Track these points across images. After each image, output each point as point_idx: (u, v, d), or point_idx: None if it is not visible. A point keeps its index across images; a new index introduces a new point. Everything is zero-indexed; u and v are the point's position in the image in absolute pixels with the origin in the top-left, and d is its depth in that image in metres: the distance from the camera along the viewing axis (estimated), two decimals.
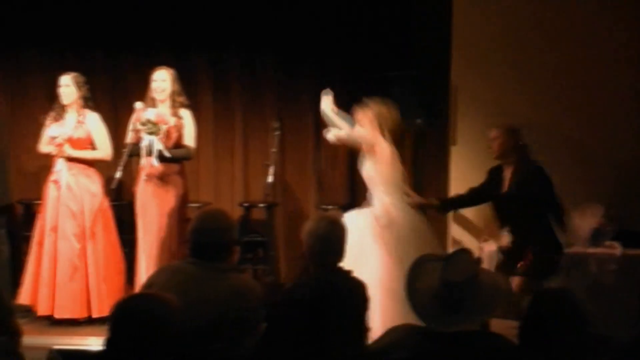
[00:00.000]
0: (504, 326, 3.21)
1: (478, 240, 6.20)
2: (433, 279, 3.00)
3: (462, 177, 6.21)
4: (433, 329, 2.97)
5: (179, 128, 5.89)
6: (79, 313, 5.87)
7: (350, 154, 7.22)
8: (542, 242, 5.22)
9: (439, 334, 2.94)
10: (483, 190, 5.57)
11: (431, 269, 3.05)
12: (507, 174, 5.37)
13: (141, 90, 6.00)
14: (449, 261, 3.04)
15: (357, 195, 7.26)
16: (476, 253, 5.27)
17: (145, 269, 5.77)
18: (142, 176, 5.89)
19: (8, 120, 6.70)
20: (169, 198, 5.88)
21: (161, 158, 5.77)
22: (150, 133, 5.72)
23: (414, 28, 6.76)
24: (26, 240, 6.76)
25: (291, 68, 7.02)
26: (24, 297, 5.98)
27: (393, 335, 3.10)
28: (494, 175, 5.48)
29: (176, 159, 5.89)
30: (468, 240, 6.29)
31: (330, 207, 6.81)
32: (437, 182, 6.73)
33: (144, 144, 5.76)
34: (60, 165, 5.96)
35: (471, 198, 5.69)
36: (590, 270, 5.79)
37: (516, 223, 5.34)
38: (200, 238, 3.55)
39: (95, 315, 5.87)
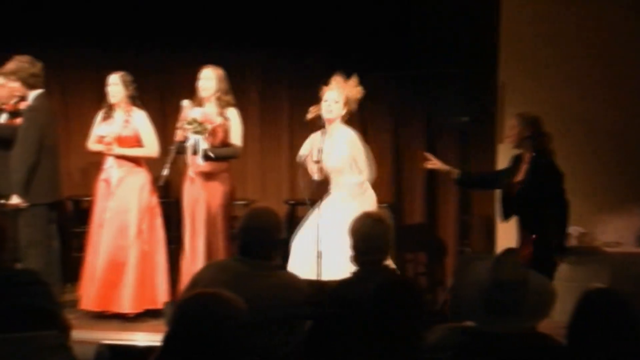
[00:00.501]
0: (551, 326, 3.17)
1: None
2: (481, 279, 2.97)
3: None
4: (480, 329, 2.94)
5: (225, 127, 5.92)
6: (124, 308, 5.94)
7: (396, 150, 7.21)
8: (543, 237, 5.09)
9: (485, 334, 2.91)
10: (500, 176, 5.46)
11: (479, 268, 3.02)
12: (524, 163, 5.27)
13: (190, 88, 6.05)
14: (499, 261, 3.00)
15: (403, 193, 7.25)
16: None
17: (191, 266, 5.82)
18: (189, 174, 5.94)
19: (60, 118, 6.79)
20: (216, 196, 5.93)
21: (206, 157, 5.81)
22: (196, 132, 5.77)
23: (460, 26, 6.70)
24: (75, 236, 6.89)
25: (338, 65, 7.00)
26: (74, 292, 6.09)
27: (437, 334, 3.08)
28: (514, 163, 5.35)
29: (221, 158, 5.93)
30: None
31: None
32: None
33: (189, 142, 5.81)
34: (109, 163, 6.04)
35: (491, 181, 5.57)
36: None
37: (521, 213, 5.24)
38: (249, 236, 3.56)
39: (139, 310, 5.95)
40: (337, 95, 5.55)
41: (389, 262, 3.67)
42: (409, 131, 7.23)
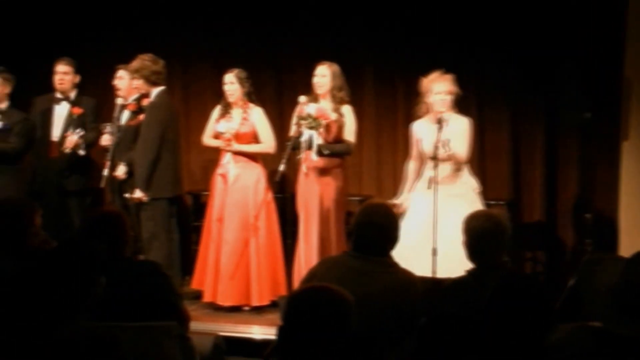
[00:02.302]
0: None
1: None
2: (612, 279, 2.85)
3: (634, 174, 5.93)
4: (609, 330, 2.83)
5: (339, 123, 5.94)
6: (239, 301, 6.05)
7: (514, 146, 7.05)
8: None
9: (615, 336, 2.80)
10: None
11: (610, 269, 2.91)
12: None
13: (307, 84, 6.09)
14: (632, 262, 2.88)
15: (521, 190, 7.09)
16: None
17: (305, 261, 5.86)
18: (303, 169, 5.98)
19: (181, 115, 6.98)
20: (330, 191, 5.95)
21: (320, 153, 5.84)
22: (310, 128, 5.81)
23: (585, 19, 6.49)
24: (195, 229, 7.05)
25: (454, 58, 6.90)
26: (194, 284, 6.27)
27: (561, 334, 2.98)
28: None
29: (335, 154, 5.94)
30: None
31: (492, 202, 6.65)
32: (607, 180, 6.46)
33: (304, 138, 5.85)
34: (226, 159, 6.15)
35: None
36: None
37: None
38: (364, 232, 3.55)
39: (255, 304, 6.04)
40: (447, 87, 5.59)
41: (506, 260, 3.58)
42: (527, 126, 7.06)
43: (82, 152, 6.55)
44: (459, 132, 5.57)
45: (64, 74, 6.61)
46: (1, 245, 3.58)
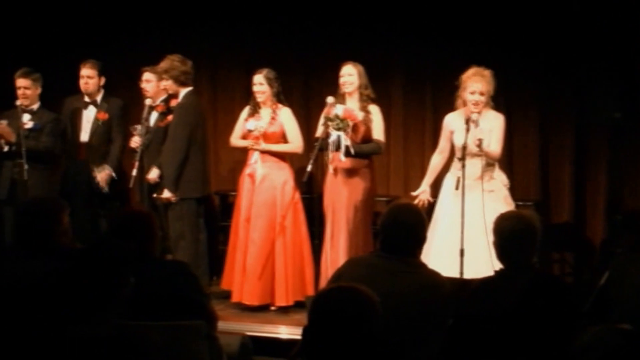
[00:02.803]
0: None
1: None
2: None
3: None
4: (638, 333, 2.80)
5: (366, 122, 5.93)
6: (266, 300, 6.06)
7: (542, 145, 7.00)
8: None
9: None
10: None
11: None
12: None
13: (334, 85, 6.09)
14: None
15: (550, 190, 7.04)
16: None
17: (332, 262, 5.86)
18: (330, 170, 5.99)
19: (209, 115, 7.01)
20: (357, 191, 5.94)
21: (348, 154, 5.84)
22: (338, 129, 5.81)
23: (613, 19, 6.43)
24: (222, 229, 7.08)
25: (482, 58, 6.86)
26: (223, 284, 6.31)
27: (590, 335, 2.96)
28: None
29: (363, 154, 5.94)
30: None
31: (520, 203, 6.61)
32: (637, 180, 6.40)
33: (331, 139, 5.85)
34: (254, 159, 6.16)
35: None
36: None
37: None
38: (392, 232, 3.54)
39: (280, 304, 6.04)
40: (482, 87, 5.54)
41: (535, 261, 3.56)
42: (556, 125, 7.01)
43: (106, 190, 6.65)
44: (494, 129, 5.56)
45: (88, 77, 6.67)
46: (31, 244, 3.61)
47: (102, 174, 6.59)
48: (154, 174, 6.21)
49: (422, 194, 5.83)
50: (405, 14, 7.03)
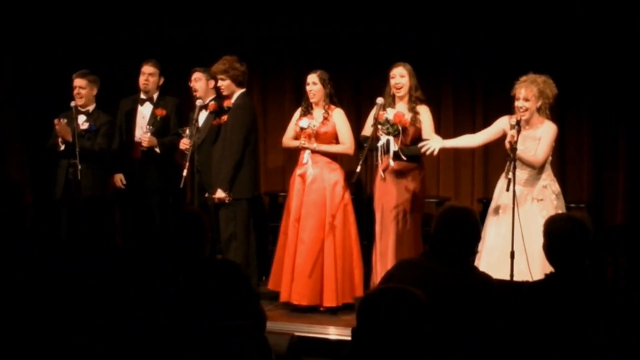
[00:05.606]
0: None
1: None
2: None
3: None
4: None
5: (415, 123, 5.91)
6: (314, 301, 6.06)
7: (594, 147, 6.91)
8: None
9: None
10: None
11: None
12: None
13: (383, 85, 6.07)
14: None
15: (603, 193, 6.94)
16: None
17: (381, 263, 5.86)
18: (380, 174, 5.98)
19: (260, 116, 7.05)
20: (407, 193, 5.93)
21: (398, 157, 5.83)
22: (388, 133, 5.82)
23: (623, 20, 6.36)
24: (272, 230, 7.12)
25: (534, 61, 6.82)
26: (271, 284, 6.32)
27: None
28: None
29: (414, 157, 5.92)
30: None
31: (573, 205, 6.53)
32: None
33: (380, 143, 5.85)
34: (305, 159, 6.18)
35: None
36: None
37: None
38: (444, 235, 3.53)
39: (328, 304, 6.03)
40: (525, 93, 5.49)
41: (587, 264, 3.51)
42: (607, 128, 6.92)
43: (157, 150, 6.67)
44: (543, 137, 5.51)
45: (149, 75, 6.75)
46: (82, 244, 3.68)
47: (144, 136, 6.64)
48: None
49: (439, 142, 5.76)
50: (458, 15, 7.00)
